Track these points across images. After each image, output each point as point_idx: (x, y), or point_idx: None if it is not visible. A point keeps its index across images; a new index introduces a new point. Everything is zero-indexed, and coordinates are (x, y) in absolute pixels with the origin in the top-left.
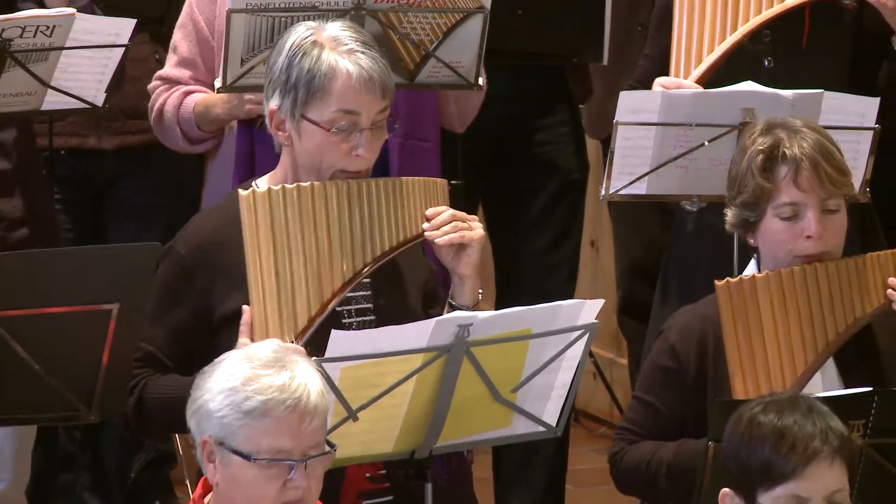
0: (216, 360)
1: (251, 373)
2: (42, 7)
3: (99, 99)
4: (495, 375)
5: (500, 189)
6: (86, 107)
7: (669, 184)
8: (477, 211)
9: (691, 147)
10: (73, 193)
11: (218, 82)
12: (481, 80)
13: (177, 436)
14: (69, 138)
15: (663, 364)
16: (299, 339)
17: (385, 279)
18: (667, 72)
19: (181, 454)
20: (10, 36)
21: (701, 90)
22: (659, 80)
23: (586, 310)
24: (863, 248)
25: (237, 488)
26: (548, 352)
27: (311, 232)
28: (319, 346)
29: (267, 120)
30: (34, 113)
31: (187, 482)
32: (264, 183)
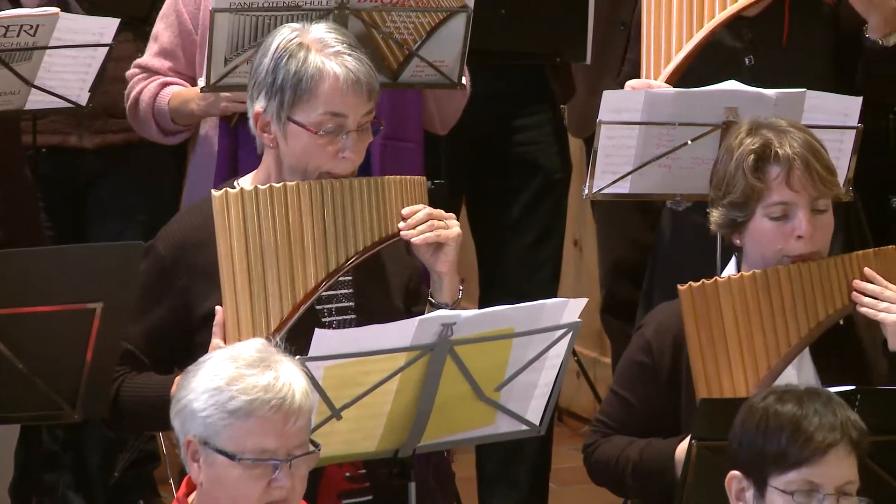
0: (200, 359)
1: (236, 372)
2: (18, 7)
3: (83, 98)
4: (479, 374)
5: (482, 189)
6: (70, 106)
7: (652, 183)
8: (460, 210)
9: (674, 146)
10: (53, 192)
11: (201, 82)
12: (465, 81)
13: (160, 435)
14: (50, 136)
15: (639, 359)
16: (272, 339)
17: (368, 277)
18: None
19: (165, 453)
20: None
21: (684, 89)
22: (630, 82)
23: (569, 309)
24: (846, 248)
25: (221, 488)
26: (531, 350)
27: (283, 232)
28: (302, 345)
29: (251, 121)
30: (18, 112)
31: (171, 481)
32: (247, 182)
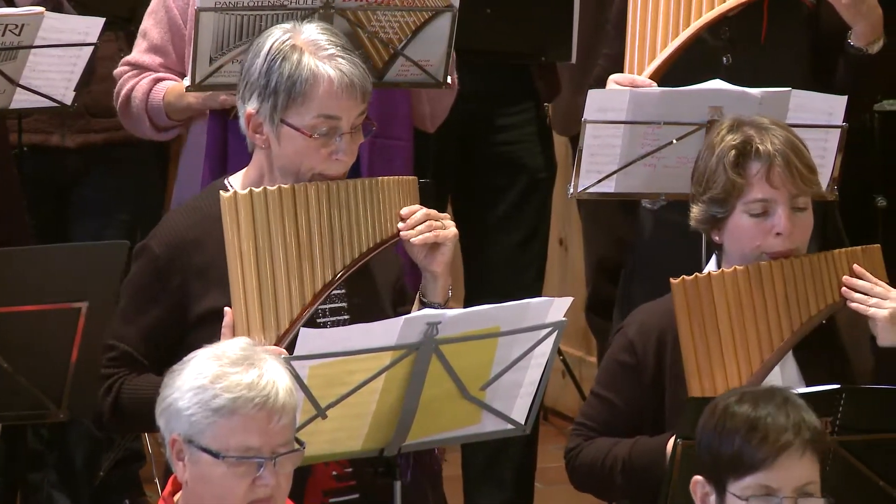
0: (185, 358)
1: (219, 371)
2: (11, 6)
3: (68, 97)
4: (464, 373)
5: (467, 187)
6: (55, 105)
7: (638, 182)
8: (446, 209)
9: (659, 145)
10: (35, 190)
11: (187, 81)
12: (450, 79)
13: (146, 434)
14: (33, 135)
15: (622, 360)
16: (282, 341)
17: (358, 278)
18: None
19: (150, 452)
20: None
21: (669, 88)
22: (613, 77)
23: (555, 307)
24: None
25: (206, 486)
26: (516, 349)
27: (292, 234)
28: (289, 344)
29: (243, 122)
30: (3, 112)
31: (156, 480)
32: (237, 181)
